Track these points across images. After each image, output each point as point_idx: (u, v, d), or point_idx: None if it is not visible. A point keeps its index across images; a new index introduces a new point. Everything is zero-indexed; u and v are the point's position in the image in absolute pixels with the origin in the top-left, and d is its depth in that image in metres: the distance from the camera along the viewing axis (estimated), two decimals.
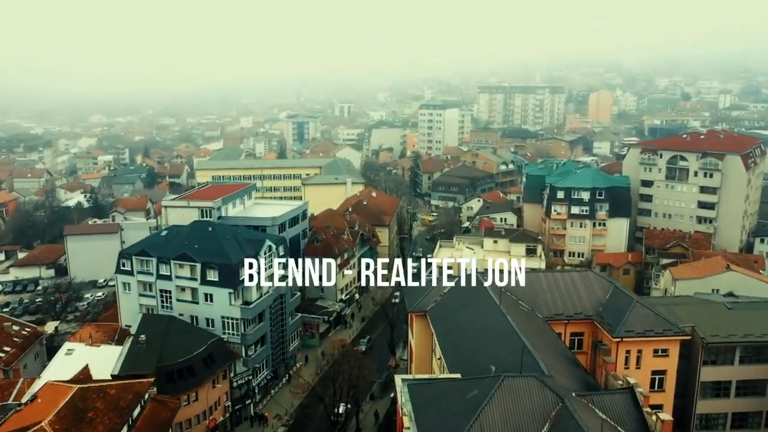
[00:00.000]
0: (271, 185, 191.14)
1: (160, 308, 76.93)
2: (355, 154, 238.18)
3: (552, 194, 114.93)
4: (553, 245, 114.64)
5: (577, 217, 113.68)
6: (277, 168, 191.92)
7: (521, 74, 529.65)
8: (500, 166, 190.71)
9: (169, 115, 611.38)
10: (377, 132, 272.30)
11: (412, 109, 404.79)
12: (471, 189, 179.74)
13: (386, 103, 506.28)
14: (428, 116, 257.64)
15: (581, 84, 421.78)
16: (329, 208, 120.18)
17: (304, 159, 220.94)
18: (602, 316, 64.80)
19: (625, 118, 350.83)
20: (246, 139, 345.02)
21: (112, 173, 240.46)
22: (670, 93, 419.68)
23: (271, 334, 79.63)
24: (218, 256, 74.31)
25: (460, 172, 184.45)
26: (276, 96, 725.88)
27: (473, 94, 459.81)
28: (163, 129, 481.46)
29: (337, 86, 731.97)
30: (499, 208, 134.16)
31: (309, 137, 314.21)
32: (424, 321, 67.20)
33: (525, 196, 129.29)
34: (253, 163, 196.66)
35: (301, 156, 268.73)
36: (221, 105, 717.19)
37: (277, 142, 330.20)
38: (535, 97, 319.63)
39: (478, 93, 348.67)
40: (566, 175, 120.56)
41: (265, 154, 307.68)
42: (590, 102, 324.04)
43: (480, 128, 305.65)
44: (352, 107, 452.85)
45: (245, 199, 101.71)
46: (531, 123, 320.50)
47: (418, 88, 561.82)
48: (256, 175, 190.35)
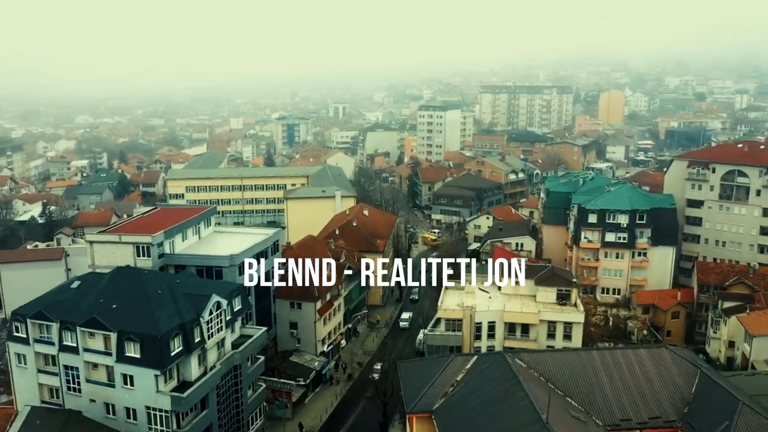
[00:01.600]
0: (252, 196, 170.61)
1: (66, 390, 56.01)
2: (347, 160, 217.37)
3: (582, 217, 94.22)
4: (582, 279, 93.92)
5: (612, 246, 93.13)
6: (259, 177, 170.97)
7: (524, 74, 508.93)
8: (509, 175, 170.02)
9: (159, 116, 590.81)
10: (372, 135, 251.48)
11: (410, 109, 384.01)
12: (477, 201, 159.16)
13: (383, 103, 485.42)
14: (428, 118, 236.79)
15: (588, 83, 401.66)
16: (309, 234, 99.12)
17: (289, 167, 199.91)
18: (692, 423, 44.17)
19: (636, 119, 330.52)
20: (234, 142, 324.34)
21: (81, 181, 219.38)
22: (681, 93, 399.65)
23: (220, 422, 58.67)
24: (141, 323, 53.39)
25: (464, 182, 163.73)
26: (270, 96, 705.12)
27: (474, 94, 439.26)
28: (150, 130, 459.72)
29: (333, 86, 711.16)
30: (513, 229, 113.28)
31: (300, 140, 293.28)
32: (428, 426, 46.56)
33: (546, 217, 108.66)
34: (231, 172, 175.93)
35: (290, 161, 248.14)
36: (214, 105, 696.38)
37: (266, 146, 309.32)
38: (542, 97, 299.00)
39: (480, 93, 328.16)
40: (596, 192, 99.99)
41: (252, 158, 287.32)
42: (601, 102, 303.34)
43: (483, 130, 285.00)
44: (347, 108, 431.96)
45: (201, 228, 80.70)
46: (537, 125, 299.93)
47: (417, 88, 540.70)
48: (235, 186, 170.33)
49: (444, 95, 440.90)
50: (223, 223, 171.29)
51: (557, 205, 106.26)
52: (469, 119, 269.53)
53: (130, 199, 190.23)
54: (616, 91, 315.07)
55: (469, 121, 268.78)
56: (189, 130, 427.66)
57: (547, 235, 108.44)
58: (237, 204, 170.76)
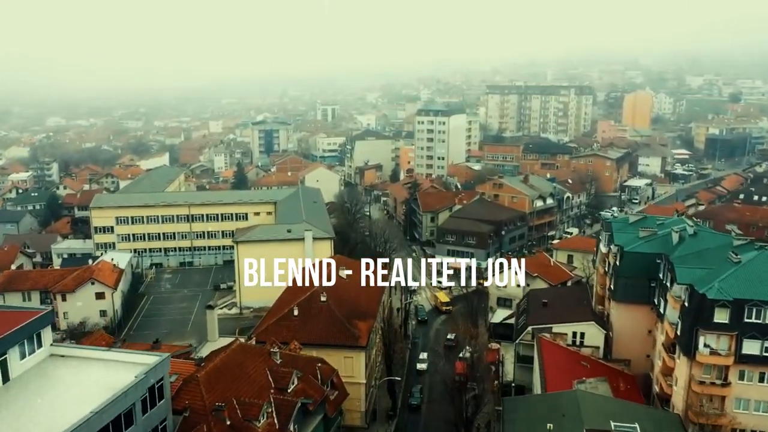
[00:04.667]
0: (203, 229, 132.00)
1: None
2: (330, 177, 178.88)
3: (699, 310, 55.55)
4: (699, 414, 55.52)
5: (757, 363, 54.65)
6: (212, 205, 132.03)
7: (530, 72, 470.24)
8: (535, 202, 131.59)
9: (138, 118, 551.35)
10: (362, 145, 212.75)
11: (406, 112, 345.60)
12: (495, 239, 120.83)
13: (377, 104, 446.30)
14: (427, 124, 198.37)
15: (603, 83, 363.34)
16: (238, 341, 60.25)
17: (250, 192, 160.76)
18: None
19: (662, 123, 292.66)
20: (206, 149, 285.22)
21: (6, 201, 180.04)
22: (706, 93, 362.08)
23: None
24: None
25: (477, 212, 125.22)
26: (259, 96, 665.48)
27: (476, 94, 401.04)
28: (122, 134, 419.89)
29: (325, 85, 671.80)
30: (565, 307, 74.47)
31: (279, 148, 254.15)
32: None
33: (618, 291, 69.96)
34: (177, 197, 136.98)
35: (265, 174, 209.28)
36: (199, 106, 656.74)
37: (241, 154, 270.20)
38: (558, 99, 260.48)
39: (486, 94, 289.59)
40: (709, 258, 61.44)
41: (224, 169, 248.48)
42: (626, 105, 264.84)
43: (491, 137, 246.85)
44: (336, 110, 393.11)
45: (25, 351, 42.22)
46: (552, 131, 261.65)
47: (413, 88, 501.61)
48: (181, 216, 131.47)
49: (443, 96, 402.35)
50: (166, 264, 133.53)
51: (637, 274, 67.89)
52: (474, 124, 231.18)
53: (56, 228, 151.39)
54: (643, 93, 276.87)
55: (475, 126, 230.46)
56: (164, 133, 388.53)
57: (620, 318, 70.03)
58: (184, 239, 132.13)
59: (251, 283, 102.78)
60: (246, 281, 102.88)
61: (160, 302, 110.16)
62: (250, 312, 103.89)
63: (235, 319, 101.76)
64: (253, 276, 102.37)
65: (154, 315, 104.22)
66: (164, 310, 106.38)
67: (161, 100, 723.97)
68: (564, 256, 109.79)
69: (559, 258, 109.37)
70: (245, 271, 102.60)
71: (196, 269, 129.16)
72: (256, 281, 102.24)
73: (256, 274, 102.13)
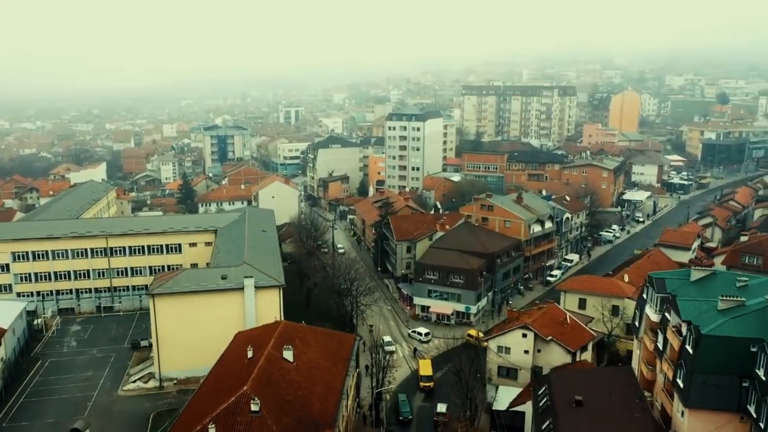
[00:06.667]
0: (125, 265, 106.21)
1: None
2: (288, 193, 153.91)
3: None
4: None
5: None
6: (135, 235, 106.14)
7: (506, 72, 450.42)
8: (532, 227, 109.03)
9: (89, 120, 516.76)
10: (326, 153, 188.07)
11: (375, 114, 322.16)
12: (488, 276, 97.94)
13: (344, 106, 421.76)
14: (399, 130, 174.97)
15: (582, 83, 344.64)
16: None
17: (187, 217, 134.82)
18: None
19: (648, 126, 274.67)
20: (153, 157, 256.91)
21: None
22: (689, 94, 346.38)
23: None
24: None
25: (463, 241, 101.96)
26: (220, 97, 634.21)
27: (449, 95, 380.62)
28: (69, 138, 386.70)
29: (290, 85, 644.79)
30: (608, 402, 51.39)
31: (234, 156, 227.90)
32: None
33: (694, 394, 47.21)
34: (92, 225, 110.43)
35: (219, 185, 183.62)
36: (156, 107, 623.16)
37: (193, 162, 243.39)
38: (540, 100, 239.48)
39: (462, 95, 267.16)
40: None
41: (171, 180, 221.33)
42: (612, 107, 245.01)
43: (469, 141, 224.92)
44: (300, 112, 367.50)
45: None
46: (534, 135, 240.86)
47: (382, 88, 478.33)
48: (98, 249, 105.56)
49: (414, 97, 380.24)
50: (77, 310, 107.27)
51: (722, 368, 45.64)
52: (451, 129, 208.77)
53: None
54: (630, 93, 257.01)
55: (451, 131, 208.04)
56: (112, 138, 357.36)
57: (695, 427, 47.51)
58: (101, 278, 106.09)
59: (174, 348, 78.00)
60: (166, 346, 77.89)
61: (58, 370, 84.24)
62: (173, 385, 79.03)
63: (152, 397, 76.84)
64: (175, 338, 77.57)
65: (44, 393, 78.35)
66: (60, 384, 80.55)
67: (116, 100, 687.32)
68: (574, 301, 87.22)
69: (569, 304, 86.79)
70: (166, 332, 77.57)
71: (115, 317, 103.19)
72: (181, 345, 77.59)
73: (180, 335, 77.44)
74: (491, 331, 77.44)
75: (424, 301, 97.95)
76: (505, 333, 72.09)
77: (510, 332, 71.80)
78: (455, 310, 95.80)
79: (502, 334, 72.28)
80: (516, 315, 76.94)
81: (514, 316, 76.75)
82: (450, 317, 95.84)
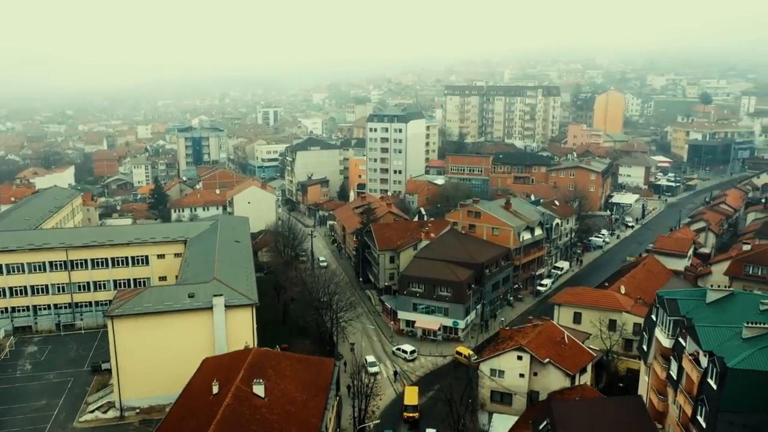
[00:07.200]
0: (86, 279, 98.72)
1: None
2: (265, 198, 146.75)
3: None
4: None
5: None
6: (99, 247, 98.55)
7: (487, 71, 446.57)
8: (522, 235, 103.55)
9: (62, 121, 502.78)
10: (305, 156, 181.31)
11: (355, 114, 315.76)
12: (477, 288, 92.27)
13: (323, 106, 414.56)
14: (381, 132, 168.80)
15: (564, 83, 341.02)
16: None
17: (155, 225, 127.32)
18: None
19: (631, 126, 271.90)
20: (126, 159, 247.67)
21: None
22: (670, 94, 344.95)
23: None
24: None
25: (450, 250, 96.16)
26: (198, 96, 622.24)
27: (430, 95, 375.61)
28: (40, 140, 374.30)
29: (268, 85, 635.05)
30: None
31: (210, 158, 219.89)
32: None
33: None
34: (51, 236, 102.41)
35: (193, 189, 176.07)
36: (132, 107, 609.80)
37: (167, 165, 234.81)
38: (524, 101, 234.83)
39: (444, 95, 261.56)
40: None
41: (144, 184, 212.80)
42: (597, 107, 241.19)
43: (452, 143, 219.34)
44: (279, 112, 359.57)
45: None
46: (518, 136, 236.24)
47: (363, 88, 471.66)
48: (58, 262, 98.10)
49: (395, 97, 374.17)
50: (35, 328, 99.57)
51: (750, 406, 40.23)
52: (433, 130, 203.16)
53: None
54: (614, 93, 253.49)
55: (434, 133, 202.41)
56: (84, 140, 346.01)
57: None
58: (61, 293, 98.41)
59: (136, 374, 71.00)
60: (127, 372, 70.85)
61: (7, 399, 76.61)
62: (135, 414, 72.04)
63: (112, 429, 69.87)
64: (137, 364, 70.59)
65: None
66: (9, 415, 73.02)
67: (91, 101, 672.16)
68: (569, 315, 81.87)
69: (563, 318, 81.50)
70: (126, 357, 70.54)
71: (76, 335, 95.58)
72: (143, 370, 70.66)
73: (143, 360, 70.51)
74: (483, 352, 71.33)
75: (409, 315, 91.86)
76: (499, 355, 66.25)
77: (504, 354, 65.98)
78: (442, 324, 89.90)
79: (496, 356, 66.44)
80: (509, 333, 71.19)
81: (507, 335, 70.99)
82: (437, 333, 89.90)
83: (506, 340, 69.31)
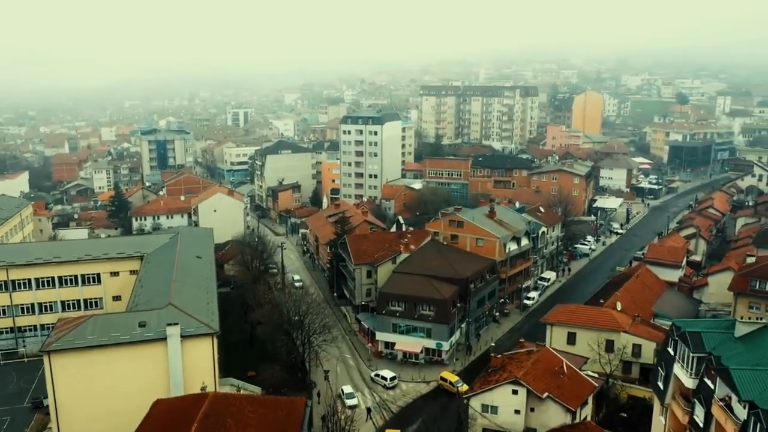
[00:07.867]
0: (30, 301, 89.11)
1: None
2: (232, 206, 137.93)
3: None
4: None
5: None
6: (44, 265, 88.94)
7: (462, 71, 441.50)
8: (508, 246, 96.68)
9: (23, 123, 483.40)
10: (275, 159, 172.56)
11: (328, 115, 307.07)
12: (462, 306, 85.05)
13: (295, 107, 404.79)
14: (355, 134, 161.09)
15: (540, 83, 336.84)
16: None
17: (109, 240, 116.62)
18: None
19: (609, 127, 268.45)
20: (87, 164, 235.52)
21: None
22: (645, 94, 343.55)
23: None
24: None
25: (432, 264, 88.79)
26: (167, 97, 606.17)
27: (405, 95, 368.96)
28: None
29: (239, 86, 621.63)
30: None
31: (175, 162, 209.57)
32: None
33: None
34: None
35: (157, 195, 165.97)
36: (98, 108, 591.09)
37: (130, 170, 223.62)
38: (501, 101, 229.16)
39: (420, 95, 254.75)
40: None
41: (105, 190, 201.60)
42: (575, 108, 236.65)
43: (428, 144, 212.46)
44: (250, 113, 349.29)
45: None
46: (496, 137, 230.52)
47: (336, 88, 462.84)
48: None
49: (369, 97, 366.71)
50: None
51: None
52: (410, 132, 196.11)
53: None
54: (593, 93, 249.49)
55: (410, 134, 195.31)
56: (45, 143, 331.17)
57: None
58: (1, 317, 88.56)
59: (78, 418, 62.05)
60: (68, 414, 61.86)
61: None
62: None
63: None
64: (80, 406, 61.65)
65: None
66: None
67: (56, 101, 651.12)
68: (562, 336, 75.18)
69: (556, 340, 74.81)
70: (67, 398, 61.56)
71: (18, 365, 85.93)
72: (87, 413, 61.78)
73: (86, 401, 61.60)
74: (473, 384, 63.93)
75: (388, 336, 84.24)
76: (492, 389, 59.04)
77: (497, 388, 58.80)
78: (425, 347, 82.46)
79: (488, 390, 59.21)
80: (501, 362, 63.98)
81: (499, 364, 63.77)
82: (419, 355, 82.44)
83: (498, 370, 62.14)
